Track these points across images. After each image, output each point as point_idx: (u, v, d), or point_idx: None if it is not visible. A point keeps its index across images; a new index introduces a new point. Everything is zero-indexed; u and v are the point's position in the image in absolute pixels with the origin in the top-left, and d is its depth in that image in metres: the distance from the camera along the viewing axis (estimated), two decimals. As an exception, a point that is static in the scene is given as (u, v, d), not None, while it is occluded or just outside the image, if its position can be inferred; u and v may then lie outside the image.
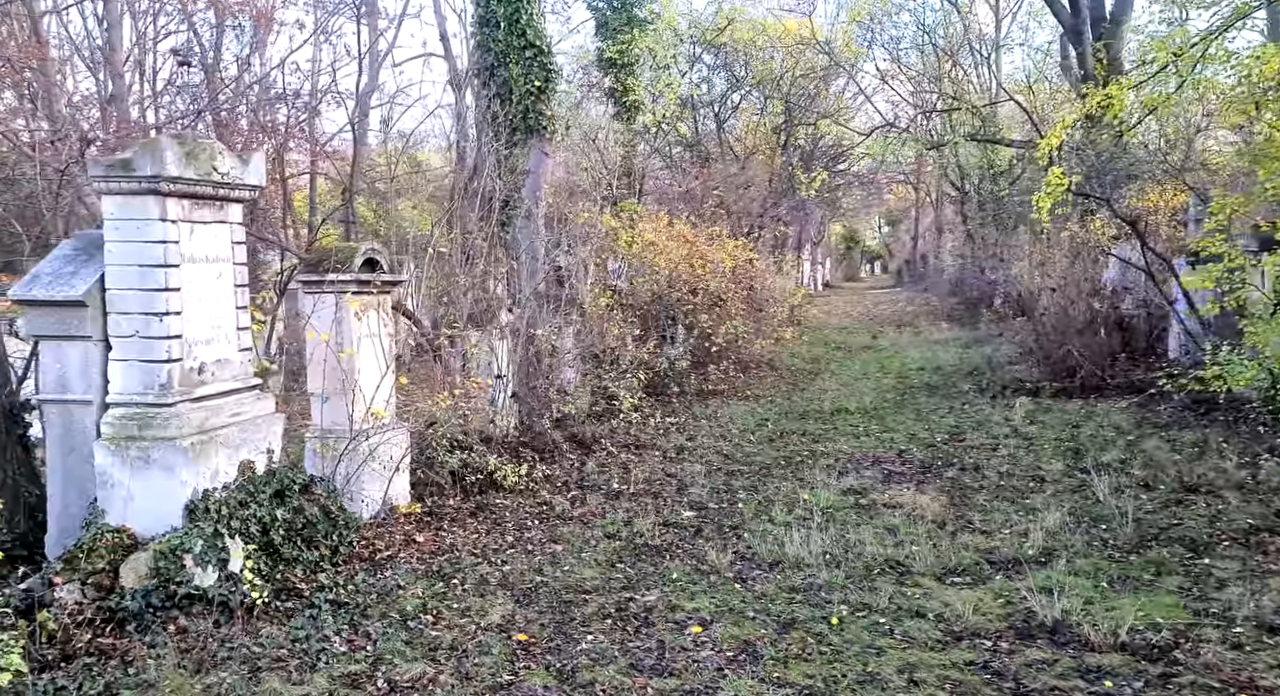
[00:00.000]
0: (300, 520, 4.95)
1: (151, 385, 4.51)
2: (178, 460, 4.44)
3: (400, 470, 6.22)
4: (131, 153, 4.36)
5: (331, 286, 5.94)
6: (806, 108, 23.31)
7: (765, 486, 6.98)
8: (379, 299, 6.31)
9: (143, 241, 4.45)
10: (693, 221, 14.42)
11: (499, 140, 9.77)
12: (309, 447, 6.00)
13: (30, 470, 5.02)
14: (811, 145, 26.04)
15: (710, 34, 18.32)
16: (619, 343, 10.47)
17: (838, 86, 26.23)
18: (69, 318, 4.47)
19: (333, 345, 5.92)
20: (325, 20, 17.79)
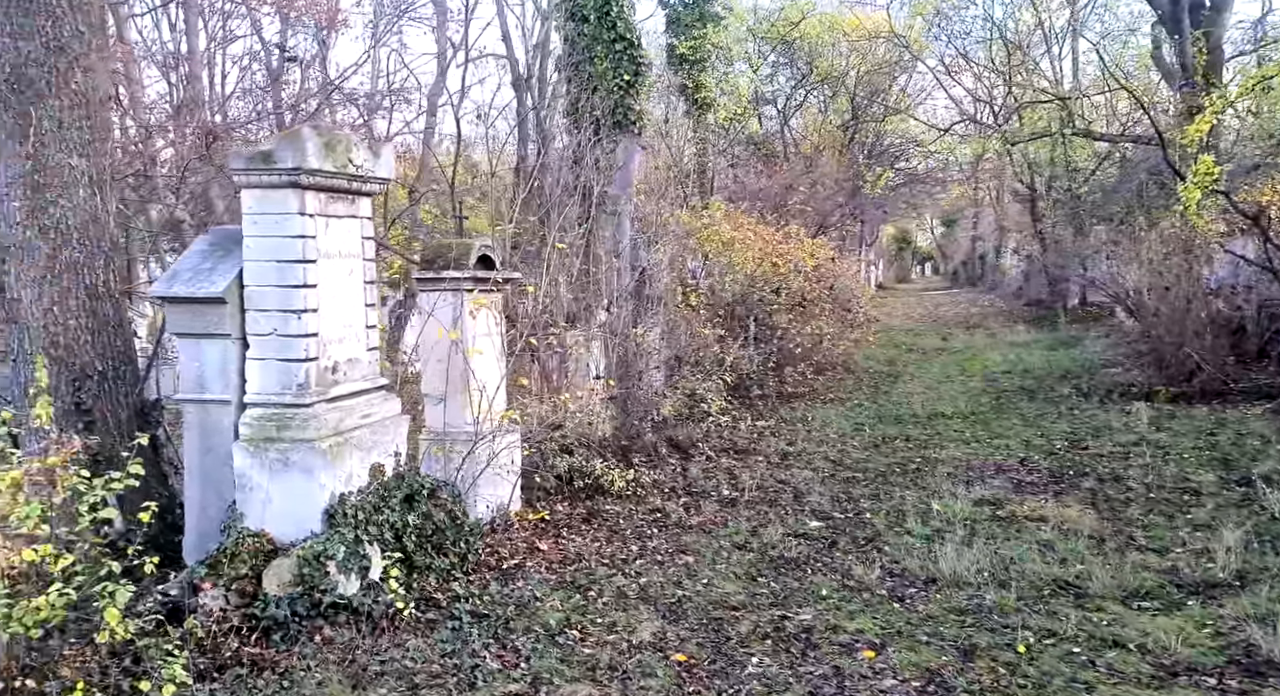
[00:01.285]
0: (429, 526, 4.77)
1: (289, 385, 4.36)
2: (316, 463, 4.28)
3: (514, 474, 6.03)
4: (273, 145, 4.22)
5: (447, 284, 5.77)
6: (873, 104, 22.77)
7: (888, 495, 6.63)
8: (493, 297, 6.13)
9: (281, 236, 4.31)
10: (767, 219, 14.09)
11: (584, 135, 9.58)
12: (423, 450, 5.83)
13: (159, 470, 4.93)
14: (875, 142, 25.47)
15: (783, 28, 17.95)
16: (704, 344, 10.20)
17: (901, 83, 25.62)
18: (208, 315, 4.34)
19: (451, 344, 5.75)
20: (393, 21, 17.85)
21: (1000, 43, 24.30)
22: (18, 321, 4.60)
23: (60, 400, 4.62)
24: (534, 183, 23.13)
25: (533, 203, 10.57)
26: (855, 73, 22.15)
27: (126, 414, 4.83)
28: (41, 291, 4.58)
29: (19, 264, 4.57)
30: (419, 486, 4.83)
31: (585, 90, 9.67)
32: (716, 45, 13.83)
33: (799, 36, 18.32)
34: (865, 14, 21.26)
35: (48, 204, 4.58)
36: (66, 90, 4.60)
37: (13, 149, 4.54)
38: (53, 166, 4.58)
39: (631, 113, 9.66)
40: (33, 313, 4.59)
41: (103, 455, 4.49)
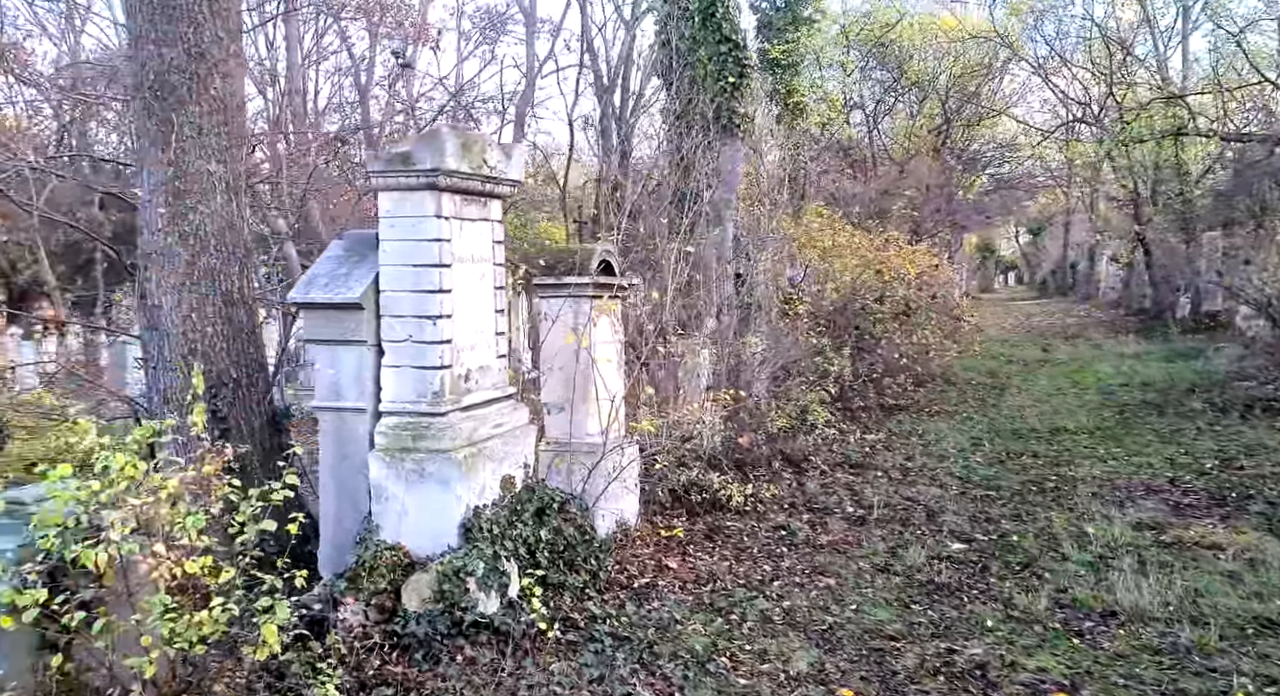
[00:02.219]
0: (561, 541, 4.57)
1: (424, 393, 4.22)
2: (452, 474, 4.12)
3: (635, 488, 5.80)
4: (411, 145, 4.11)
5: (569, 290, 5.59)
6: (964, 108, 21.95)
7: (1030, 516, 6.14)
8: (613, 304, 5.93)
9: (418, 240, 4.19)
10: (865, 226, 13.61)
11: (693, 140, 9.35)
12: (543, 461, 5.65)
13: (289, 479, 4.86)
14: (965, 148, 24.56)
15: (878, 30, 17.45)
16: (809, 353, 9.82)
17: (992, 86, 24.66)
18: (344, 321, 4.25)
19: (573, 351, 5.56)
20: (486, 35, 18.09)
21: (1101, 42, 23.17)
22: (158, 328, 4.61)
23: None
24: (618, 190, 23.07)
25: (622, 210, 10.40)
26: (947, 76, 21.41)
27: (259, 422, 4.80)
28: (180, 298, 4.58)
29: (159, 270, 4.58)
30: (549, 500, 4.63)
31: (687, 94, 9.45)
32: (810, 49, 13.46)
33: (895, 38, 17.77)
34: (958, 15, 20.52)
35: (187, 210, 4.58)
36: (206, 96, 4.61)
37: (155, 155, 4.56)
38: (192, 173, 4.59)
39: (736, 116, 9.40)
40: (172, 319, 4.59)
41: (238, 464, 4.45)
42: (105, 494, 2.94)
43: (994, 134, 25.31)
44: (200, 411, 3.45)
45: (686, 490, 6.37)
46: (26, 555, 2.97)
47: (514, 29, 21.77)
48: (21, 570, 2.81)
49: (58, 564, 2.94)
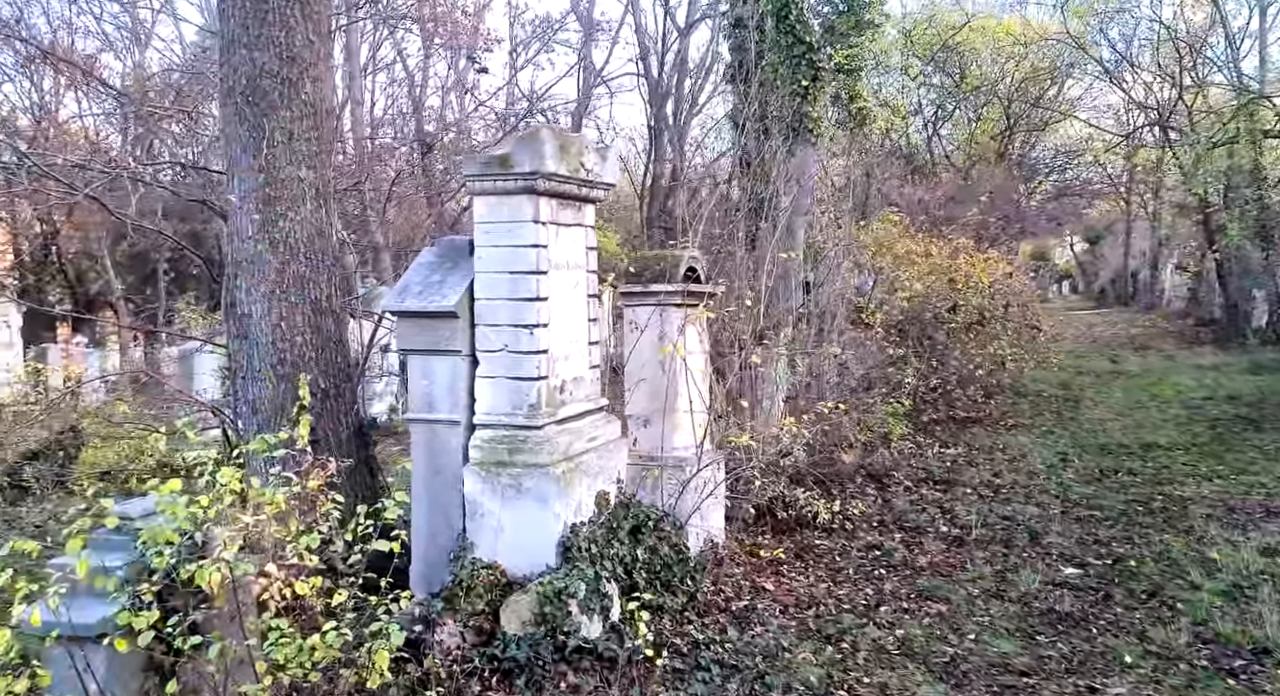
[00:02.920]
0: (657, 561, 4.35)
1: (520, 405, 4.06)
2: (550, 490, 3.94)
3: (721, 504, 5.57)
4: (510, 148, 3.96)
5: (655, 298, 5.40)
6: (1028, 114, 21.34)
7: (1143, 539, 5.75)
8: (698, 312, 5.72)
9: (514, 246, 4.04)
10: (940, 233, 13.21)
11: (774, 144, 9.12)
12: (629, 475, 5.45)
13: (374, 493, 4.74)
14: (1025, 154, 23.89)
15: (944, 33, 17.04)
16: (883, 364, 9.49)
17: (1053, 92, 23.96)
18: (439, 330, 4.11)
19: (660, 361, 5.37)
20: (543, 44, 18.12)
21: (1170, 45, 22.33)
22: (247, 336, 4.53)
23: (286, 419, 4.51)
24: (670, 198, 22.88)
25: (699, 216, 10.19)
26: (1010, 80, 20.85)
27: (347, 434, 4.69)
28: (270, 306, 4.50)
29: (249, 278, 4.51)
30: (645, 517, 4.43)
31: (757, 99, 9.22)
32: (875, 54, 13.14)
33: (960, 42, 17.32)
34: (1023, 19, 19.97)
35: (278, 217, 4.51)
36: (297, 101, 4.54)
37: (246, 162, 4.50)
38: (283, 179, 4.52)
39: (809, 120, 9.15)
40: (261, 328, 4.51)
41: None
42: (214, 510, 2.82)
43: (1055, 140, 24.58)
44: (305, 423, 3.32)
45: (771, 506, 6.11)
46: (135, 572, 2.86)
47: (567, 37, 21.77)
48: (136, 590, 2.69)
49: (166, 583, 2.82)
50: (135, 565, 2.88)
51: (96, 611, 2.78)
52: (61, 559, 2.96)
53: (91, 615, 2.77)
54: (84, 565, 2.56)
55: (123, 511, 3.03)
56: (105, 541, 2.98)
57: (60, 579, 2.60)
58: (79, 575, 2.56)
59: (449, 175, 12.02)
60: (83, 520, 2.67)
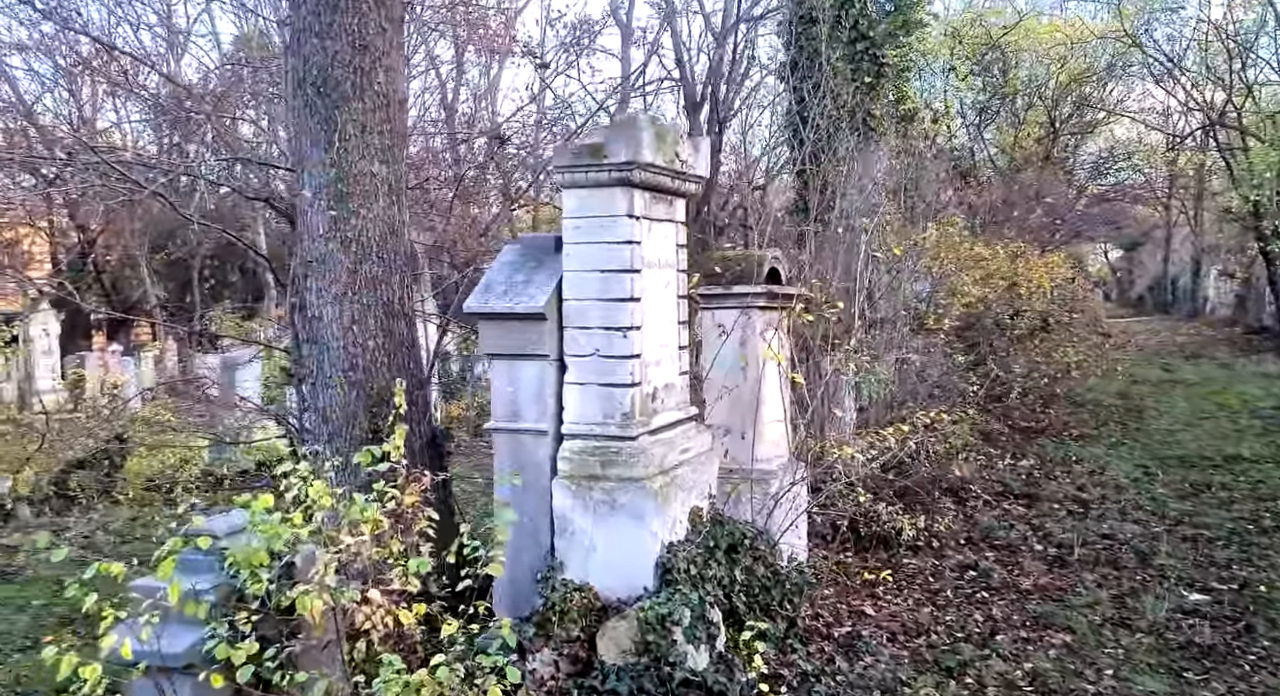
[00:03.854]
0: (755, 583, 4.03)
1: (612, 414, 3.76)
2: (646, 506, 3.64)
3: (804, 520, 5.23)
4: (602, 137, 3.68)
5: (736, 300, 5.09)
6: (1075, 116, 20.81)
7: (1267, 560, 5.33)
8: (779, 316, 5.40)
9: (606, 242, 3.75)
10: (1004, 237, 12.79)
11: (848, 143, 8.80)
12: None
13: (450, 509, 4.47)
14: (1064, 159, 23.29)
15: (995, 33, 16.62)
16: (948, 372, 9.10)
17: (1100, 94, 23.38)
18: (525, 333, 3.83)
19: (742, 367, 5.06)
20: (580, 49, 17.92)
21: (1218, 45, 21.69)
22: (317, 341, 4.29)
23: (357, 427, 4.26)
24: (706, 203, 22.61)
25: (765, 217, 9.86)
26: (1054, 82, 20.35)
27: (420, 443, 4.42)
28: (342, 309, 4.25)
29: (320, 279, 4.26)
30: (741, 535, 4.11)
31: (816, 97, 8.91)
32: (923, 54, 12.78)
33: (1012, 41, 16.86)
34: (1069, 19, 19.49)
35: (350, 215, 4.26)
36: (370, 91, 4.30)
37: (317, 156, 4.27)
38: (355, 174, 4.27)
39: (872, 119, 8.82)
40: (332, 331, 4.26)
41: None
42: (308, 529, 2.55)
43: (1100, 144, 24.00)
44: (401, 433, 3.05)
45: (853, 522, 5.77)
46: (223, 596, 2.59)
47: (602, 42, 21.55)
48: (234, 619, 2.41)
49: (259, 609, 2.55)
50: (222, 588, 2.62)
51: (183, 639, 2.52)
52: (143, 581, 2.71)
53: (178, 643, 2.51)
54: (176, 590, 2.30)
55: (206, 529, 2.77)
56: (188, 561, 2.72)
57: (151, 605, 2.33)
58: (171, 601, 2.29)
59: (488, 177, 11.80)
60: (175, 541, 2.41)
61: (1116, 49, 21.37)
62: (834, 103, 8.41)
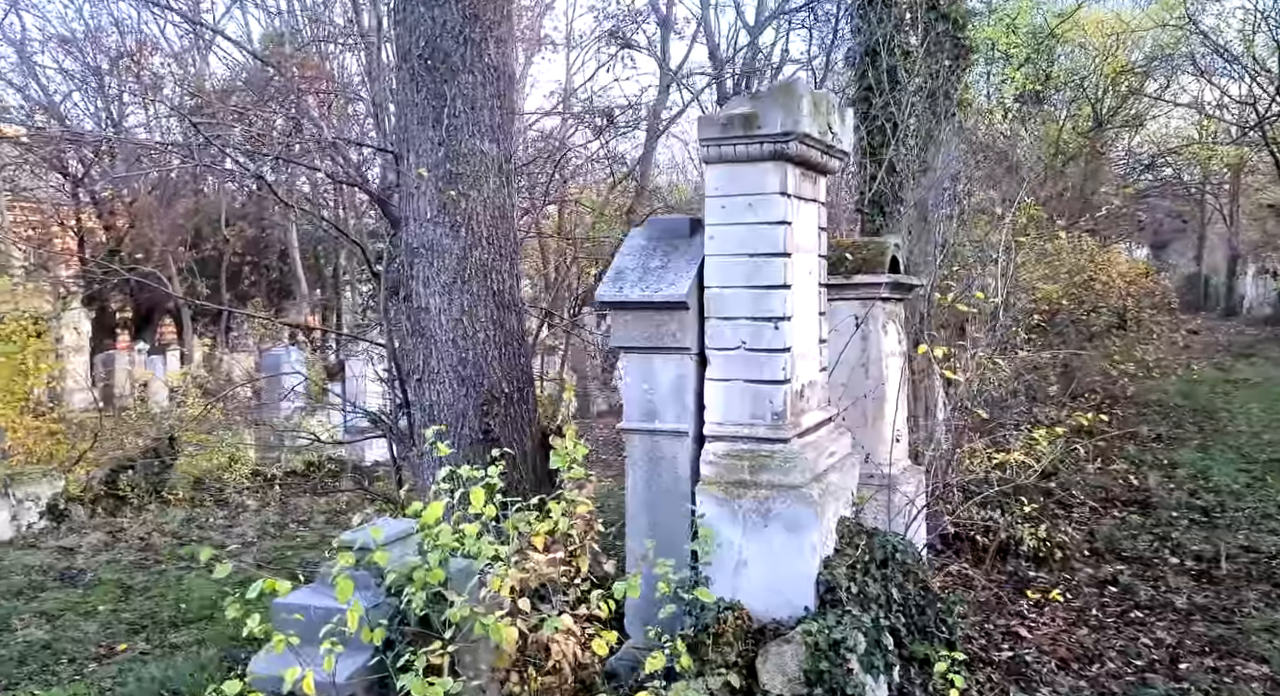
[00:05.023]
0: (910, 602, 3.65)
1: (762, 414, 3.40)
2: (804, 517, 3.27)
3: (922, 529, 4.86)
4: (755, 105, 3.32)
5: (857, 291, 4.72)
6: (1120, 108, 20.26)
7: None
8: (897, 308, 5.03)
9: (756, 223, 3.39)
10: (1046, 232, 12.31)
11: (876, 132, 8.40)
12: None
13: (562, 513, 4.11)
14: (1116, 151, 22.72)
15: (1051, 21, 16.12)
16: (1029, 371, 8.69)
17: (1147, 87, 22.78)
18: (665, 324, 3.48)
19: (860, 364, 4.68)
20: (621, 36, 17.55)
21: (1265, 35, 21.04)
22: (424, 334, 3.95)
23: (467, 426, 3.92)
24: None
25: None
26: (1099, 74, 19.81)
27: (530, 444, 4.08)
28: (451, 299, 3.91)
29: (428, 267, 3.93)
30: (891, 547, 3.73)
31: (877, 84, 8.50)
32: (986, 40, 12.33)
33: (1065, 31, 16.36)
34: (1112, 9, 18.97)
35: (459, 197, 3.92)
36: (480, 64, 3.96)
37: (424, 135, 3.93)
38: (464, 153, 3.94)
39: (951, 104, 8.42)
40: (440, 323, 3.93)
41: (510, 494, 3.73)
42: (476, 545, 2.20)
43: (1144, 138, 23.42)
44: (573, 434, 2.71)
45: (968, 531, 5.37)
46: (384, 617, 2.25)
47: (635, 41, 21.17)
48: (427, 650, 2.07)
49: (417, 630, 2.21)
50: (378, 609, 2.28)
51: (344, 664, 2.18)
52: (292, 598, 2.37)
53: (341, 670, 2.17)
54: (357, 612, 1.95)
55: (354, 539, 2.43)
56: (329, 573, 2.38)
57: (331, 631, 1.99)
58: (350, 627, 1.95)
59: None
60: (345, 555, 2.07)
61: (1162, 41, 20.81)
62: (909, 87, 8.03)
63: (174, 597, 5.71)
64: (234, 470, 9.18)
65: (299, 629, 2.15)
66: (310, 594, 2.35)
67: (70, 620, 5.26)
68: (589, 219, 12.53)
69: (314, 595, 2.29)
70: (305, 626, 2.22)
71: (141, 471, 8.49)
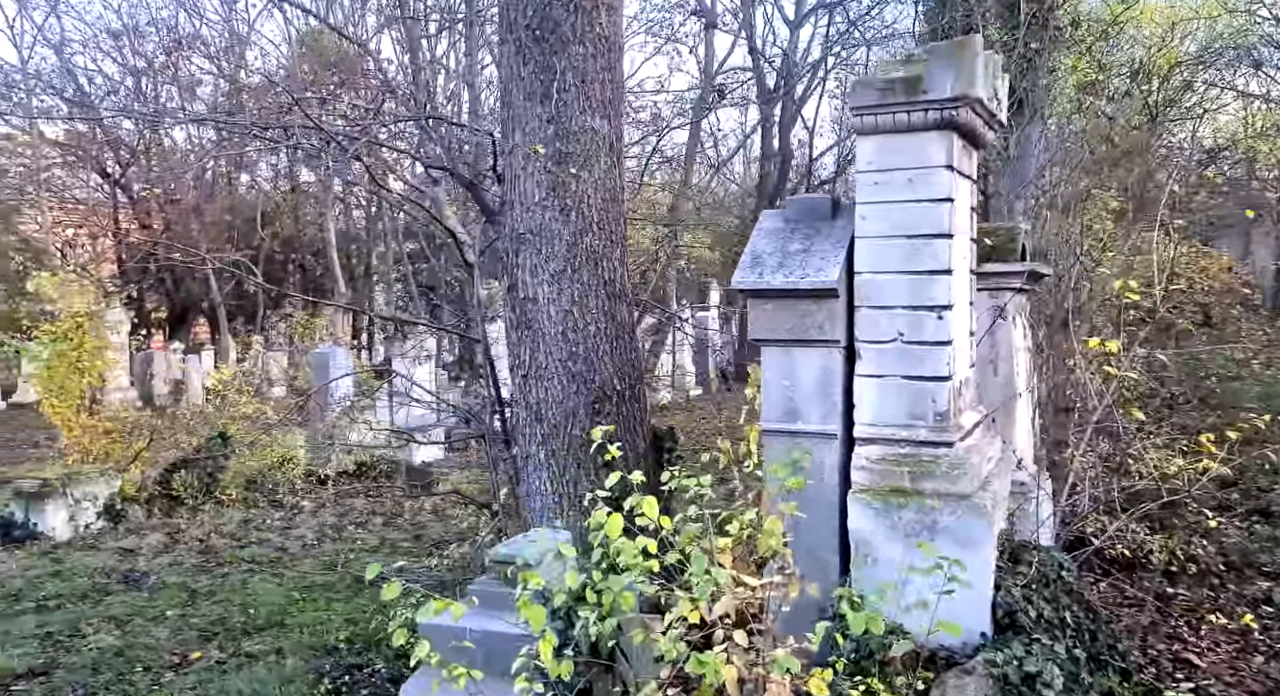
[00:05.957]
0: (1083, 626, 3.27)
1: (922, 414, 3.04)
2: (977, 531, 2.91)
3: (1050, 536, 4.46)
4: (919, 67, 2.96)
5: (988, 280, 4.33)
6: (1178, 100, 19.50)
7: None
8: (1026, 299, 4.64)
9: (917, 200, 3.03)
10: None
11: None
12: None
13: (677, 522, 3.78)
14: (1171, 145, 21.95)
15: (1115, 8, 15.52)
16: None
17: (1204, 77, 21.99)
18: (809, 314, 3.13)
19: (986, 361, 4.30)
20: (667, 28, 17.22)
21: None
22: (530, 326, 3.63)
23: (578, 426, 3.60)
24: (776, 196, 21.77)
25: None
26: (1155, 64, 19.10)
27: (643, 445, 3.75)
28: (560, 289, 3.60)
29: (536, 254, 3.61)
30: (1056, 564, 3.35)
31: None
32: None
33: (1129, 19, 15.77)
34: None
35: (570, 178, 3.60)
36: (591, 34, 3.64)
37: (531, 111, 3.61)
38: (575, 131, 3.62)
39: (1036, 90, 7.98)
40: (548, 314, 3.61)
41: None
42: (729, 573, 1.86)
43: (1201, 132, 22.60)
44: (755, 434, 2.37)
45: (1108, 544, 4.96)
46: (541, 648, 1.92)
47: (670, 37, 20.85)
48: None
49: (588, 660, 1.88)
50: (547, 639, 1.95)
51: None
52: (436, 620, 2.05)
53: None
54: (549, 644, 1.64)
55: (506, 553, 2.11)
56: (490, 595, 2.05)
57: (524, 665, 1.67)
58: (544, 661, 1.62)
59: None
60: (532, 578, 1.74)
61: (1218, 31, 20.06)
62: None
63: (241, 602, 5.47)
64: (286, 470, 8.98)
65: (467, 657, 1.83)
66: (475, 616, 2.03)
67: (140, 625, 5.03)
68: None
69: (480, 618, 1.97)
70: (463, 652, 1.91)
71: (195, 471, 8.30)
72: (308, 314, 23.26)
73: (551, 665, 1.71)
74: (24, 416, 15.79)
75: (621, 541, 1.91)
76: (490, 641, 1.91)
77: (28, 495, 6.92)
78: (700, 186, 22.97)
